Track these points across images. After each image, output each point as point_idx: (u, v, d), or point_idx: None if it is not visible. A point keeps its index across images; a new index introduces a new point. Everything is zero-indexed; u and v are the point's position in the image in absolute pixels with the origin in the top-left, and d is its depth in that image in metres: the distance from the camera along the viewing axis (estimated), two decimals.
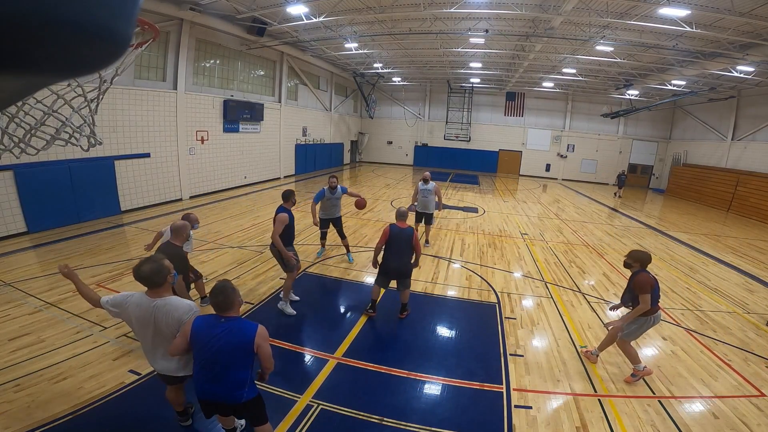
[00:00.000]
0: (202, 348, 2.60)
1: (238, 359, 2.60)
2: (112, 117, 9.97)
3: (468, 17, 12.27)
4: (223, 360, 2.58)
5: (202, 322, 2.63)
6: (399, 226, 5.15)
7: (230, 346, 2.57)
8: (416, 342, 5.00)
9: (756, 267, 9.23)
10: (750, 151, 18.16)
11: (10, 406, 3.39)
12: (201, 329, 2.61)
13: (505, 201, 16.60)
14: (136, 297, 2.81)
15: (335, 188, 7.40)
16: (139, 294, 2.82)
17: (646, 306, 4.03)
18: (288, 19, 12.67)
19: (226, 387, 2.61)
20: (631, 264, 4.28)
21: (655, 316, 4.20)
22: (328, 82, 22.98)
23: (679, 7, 9.26)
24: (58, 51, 0.37)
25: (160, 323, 2.73)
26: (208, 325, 2.61)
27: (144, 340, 2.86)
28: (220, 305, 2.62)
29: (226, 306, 2.62)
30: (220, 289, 2.62)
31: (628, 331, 4.29)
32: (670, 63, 14.80)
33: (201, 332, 2.60)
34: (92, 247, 7.67)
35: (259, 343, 2.60)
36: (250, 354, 2.62)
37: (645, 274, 4.13)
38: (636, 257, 4.25)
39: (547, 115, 26.25)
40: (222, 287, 2.63)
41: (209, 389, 2.64)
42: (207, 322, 2.63)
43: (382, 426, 3.48)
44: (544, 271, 7.93)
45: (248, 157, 15.90)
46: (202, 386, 2.65)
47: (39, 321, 4.84)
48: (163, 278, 2.76)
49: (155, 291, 2.77)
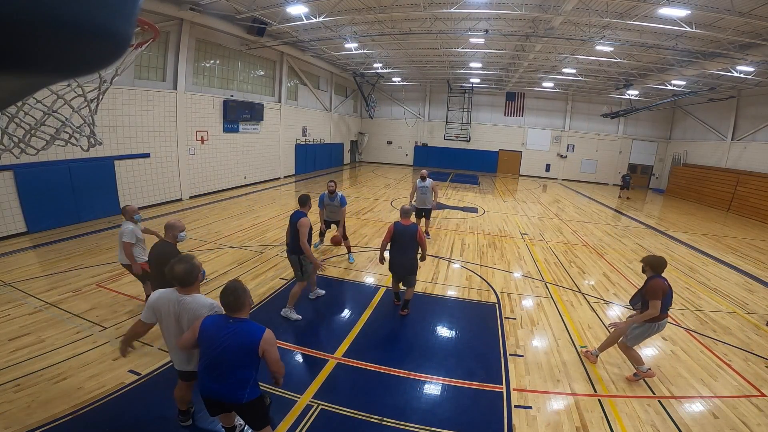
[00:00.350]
0: (209, 347, 2.62)
1: (243, 360, 2.61)
2: (112, 117, 9.97)
3: (468, 17, 12.26)
4: (229, 360, 2.59)
5: (211, 322, 2.66)
6: (403, 224, 5.24)
7: (236, 347, 2.58)
8: (416, 342, 5.00)
9: (756, 267, 9.23)
10: (750, 151, 18.16)
11: (10, 406, 3.39)
12: (209, 328, 2.63)
13: (505, 201, 16.60)
14: (164, 295, 2.89)
15: (334, 193, 7.51)
16: (164, 291, 2.92)
17: (654, 312, 3.96)
18: (288, 19, 12.67)
19: (230, 386, 2.63)
20: (644, 269, 4.26)
21: (661, 323, 4.13)
22: (328, 82, 22.98)
23: (679, 7, 9.26)
24: (58, 51, 0.37)
25: (182, 319, 2.82)
26: (216, 325, 2.63)
27: (168, 333, 2.94)
28: (230, 306, 2.62)
29: (236, 307, 2.62)
30: (231, 290, 2.62)
31: (631, 336, 4.25)
32: (670, 63, 14.80)
33: (209, 331, 2.62)
34: (92, 247, 7.67)
35: (264, 348, 2.60)
36: (255, 356, 2.62)
37: (659, 279, 4.05)
38: (648, 262, 4.20)
39: (547, 115, 26.25)
40: (233, 288, 2.63)
41: (213, 388, 2.66)
42: (216, 321, 2.65)
43: (382, 426, 3.48)
44: (544, 271, 7.93)
45: (248, 157, 15.90)
46: (207, 384, 2.67)
47: (39, 321, 4.84)
48: (195, 277, 2.86)
49: (187, 289, 2.86)
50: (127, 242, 4.78)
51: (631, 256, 9.38)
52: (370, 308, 5.78)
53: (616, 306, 6.44)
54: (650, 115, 23.48)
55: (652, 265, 4.17)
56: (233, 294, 2.61)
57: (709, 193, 18.89)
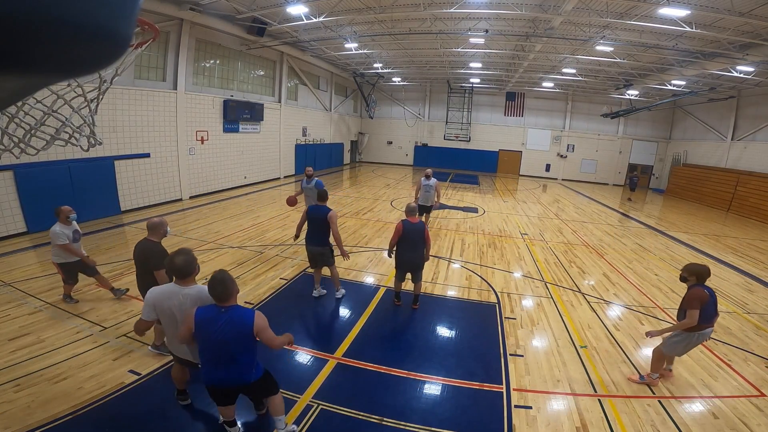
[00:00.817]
0: (207, 339, 2.71)
1: (243, 345, 2.74)
2: (112, 117, 9.97)
3: (468, 17, 12.26)
4: (230, 348, 2.72)
5: (204, 314, 2.72)
6: (411, 222, 5.31)
7: (234, 335, 2.69)
8: (416, 342, 5.00)
9: (756, 267, 9.23)
10: (750, 151, 18.16)
11: (10, 406, 3.39)
12: (204, 321, 2.70)
13: (505, 201, 16.60)
14: (163, 291, 2.95)
15: (311, 177, 7.82)
16: (163, 287, 2.99)
17: (692, 321, 3.80)
18: (288, 19, 12.67)
19: (236, 372, 2.79)
20: (686, 278, 4.07)
21: (702, 333, 3.93)
22: (328, 82, 22.98)
23: (679, 7, 9.26)
24: (58, 51, 0.37)
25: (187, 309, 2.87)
26: (210, 316, 2.70)
27: (171, 326, 2.99)
28: (220, 296, 2.70)
29: (225, 296, 2.71)
30: (220, 281, 2.69)
31: (669, 343, 4.10)
32: (670, 63, 14.80)
33: (204, 324, 2.70)
34: (92, 247, 7.66)
35: (257, 330, 2.73)
36: (253, 340, 2.76)
37: (699, 289, 3.90)
38: (692, 271, 4.03)
39: (547, 115, 26.25)
40: (221, 279, 2.71)
41: (220, 375, 2.79)
42: (209, 313, 2.72)
43: (382, 426, 3.48)
44: (544, 271, 7.93)
45: (248, 157, 15.90)
46: (213, 374, 2.77)
47: (39, 321, 4.84)
48: (193, 268, 2.95)
49: (185, 280, 2.94)
50: (61, 245, 4.91)
51: (631, 256, 9.38)
52: (370, 308, 5.78)
53: (616, 306, 6.44)
54: (650, 115, 23.47)
55: (698, 274, 3.99)
56: (222, 284, 2.69)
57: (709, 193, 18.89)
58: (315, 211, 5.53)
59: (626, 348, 5.06)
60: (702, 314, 3.82)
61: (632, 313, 6.16)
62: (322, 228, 5.50)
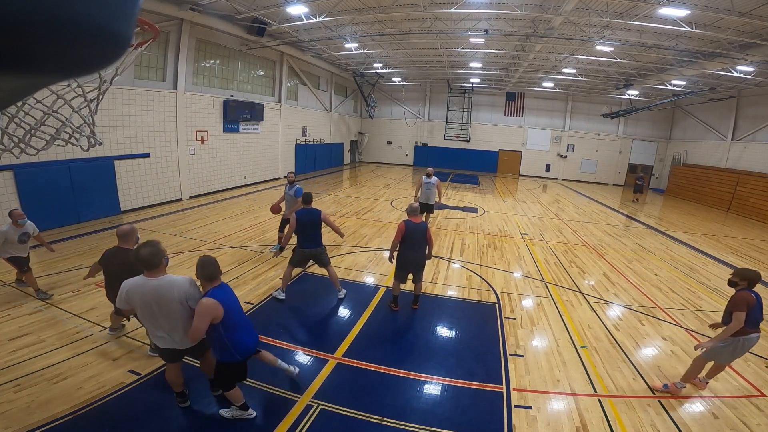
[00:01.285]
0: (234, 314, 3.09)
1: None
2: (112, 117, 9.96)
3: (468, 17, 12.26)
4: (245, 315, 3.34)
5: (221, 293, 3.01)
6: (414, 222, 5.30)
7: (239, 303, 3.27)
8: (416, 342, 5.00)
9: (756, 267, 9.19)
10: (750, 151, 18.16)
11: (10, 406, 3.39)
12: (227, 299, 3.03)
13: (505, 201, 16.60)
14: (134, 284, 2.97)
15: (293, 183, 7.54)
16: (132, 281, 2.99)
17: (738, 324, 3.66)
18: (288, 19, 12.67)
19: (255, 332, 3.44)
20: (737, 282, 3.90)
21: (748, 338, 3.79)
22: (328, 82, 22.98)
23: (679, 7, 9.26)
24: (58, 51, 0.37)
25: (164, 300, 2.93)
26: (226, 292, 3.08)
27: (150, 319, 3.03)
28: (216, 274, 3.03)
29: (217, 275, 3.05)
30: (211, 262, 3.03)
31: (713, 351, 3.93)
32: (670, 63, 14.80)
33: (229, 301, 3.05)
34: (92, 247, 7.67)
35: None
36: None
37: (746, 292, 3.79)
38: (743, 275, 3.87)
39: (547, 115, 26.25)
40: (211, 260, 3.04)
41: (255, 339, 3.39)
42: (223, 291, 3.05)
43: (382, 426, 3.49)
44: (544, 271, 7.93)
45: (248, 157, 15.90)
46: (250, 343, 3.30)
47: (39, 321, 4.84)
48: (160, 260, 3.00)
49: (153, 272, 2.98)
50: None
51: (631, 256, 9.38)
52: (370, 308, 5.78)
53: (616, 306, 6.44)
54: (650, 115, 23.48)
55: (749, 279, 3.85)
56: (213, 264, 3.03)
57: (709, 193, 18.89)
58: (307, 215, 5.49)
59: (626, 348, 5.05)
60: (748, 318, 3.70)
61: (632, 313, 6.16)
62: (316, 230, 5.59)
